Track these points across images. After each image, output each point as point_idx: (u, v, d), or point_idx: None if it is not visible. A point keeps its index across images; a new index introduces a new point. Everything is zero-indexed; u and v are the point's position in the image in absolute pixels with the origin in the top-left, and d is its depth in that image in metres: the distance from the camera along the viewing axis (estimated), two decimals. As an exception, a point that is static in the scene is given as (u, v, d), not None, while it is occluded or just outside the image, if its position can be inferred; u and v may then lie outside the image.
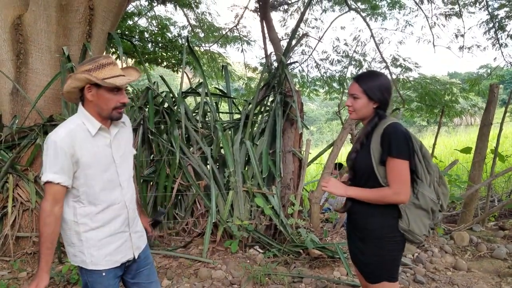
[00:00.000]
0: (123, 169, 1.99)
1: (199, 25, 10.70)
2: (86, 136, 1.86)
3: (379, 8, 9.97)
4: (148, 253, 2.21)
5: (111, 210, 1.93)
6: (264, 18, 9.14)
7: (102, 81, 1.79)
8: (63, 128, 1.85)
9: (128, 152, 2.07)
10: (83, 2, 4.07)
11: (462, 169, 7.17)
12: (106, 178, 1.91)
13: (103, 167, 1.90)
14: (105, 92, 1.84)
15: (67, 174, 1.80)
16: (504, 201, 5.60)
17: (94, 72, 1.81)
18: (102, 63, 1.84)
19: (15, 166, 3.89)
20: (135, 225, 2.09)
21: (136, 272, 2.12)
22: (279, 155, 4.29)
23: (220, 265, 3.71)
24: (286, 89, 4.63)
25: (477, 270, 3.91)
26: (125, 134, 2.06)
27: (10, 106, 4.07)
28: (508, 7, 8.61)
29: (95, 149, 1.87)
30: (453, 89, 9.53)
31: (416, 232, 2.02)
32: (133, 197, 2.08)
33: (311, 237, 3.83)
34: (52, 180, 1.77)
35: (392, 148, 1.96)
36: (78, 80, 1.82)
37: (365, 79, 2.13)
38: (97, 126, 1.88)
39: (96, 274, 1.94)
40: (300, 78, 11.78)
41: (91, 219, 1.89)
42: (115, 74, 1.84)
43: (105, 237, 1.92)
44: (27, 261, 3.77)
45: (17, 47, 4.02)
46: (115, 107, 1.87)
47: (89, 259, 1.91)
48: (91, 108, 1.88)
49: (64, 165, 1.78)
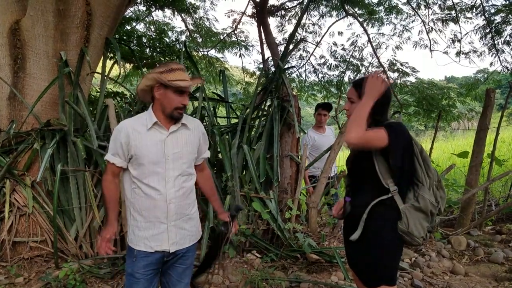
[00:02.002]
0: (173, 166, 2.14)
1: (197, 30, 10.73)
2: (141, 129, 2.11)
3: (376, 14, 10.01)
4: (191, 254, 2.32)
5: (151, 199, 2.11)
6: (261, 23, 9.18)
7: (168, 82, 2.03)
8: (128, 119, 2.19)
9: (186, 152, 2.21)
10: (81, 7, 4.08)
11: (459, 173, 7.18)
12: (153, 170, 2.10)
13: (153, 159, 2.09)
14: (170, 92, 2.07)
15: (121, 157, 2.12)
16: (501, 205, 5.60)
17: (164, 74, 2.05)
18: (173, 68, 2.08)
19: (12, 171, 3.88)
20: (180, 221, 2.20)
21: (171, 265, 2.26)
22: (277, 160, 4.29)
23: (218, 270, 3.70)
24: (283, 93, 4.64)
25: (475, 275, 3.92)
26: (186, 135, 2.22)
27: (8, 110, 4.06)
28: (504, 12, 8.66)
29: (147, 142, 2.10)
30: (450, 94, 9.58)
31: (414, 234, 2.03)
32: (181, 194, 2.18)
33: (308, 242, 3.83)
34: (109, 160, 2.15)
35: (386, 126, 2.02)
36: (149, 80, 2.08)
37: (361, 83, 2.13)
38: (153, 121, 2.11)
39: (131, 252, 2.17)
40: (298, 83, 11.81)
41: (137, 200, 2.14)
42: (181, 78, 2.06)
43: (145, 222, 2.14)
44: (24, 266, 3.75)
45: (14, 52, 4.02)
46: (176, 107, 2.09)
47: (130, 236, 2.20)
48: (157, 105, 2.12)
49: (119, 149, 2.11)
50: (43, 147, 3.89)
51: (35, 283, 3.49)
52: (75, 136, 3.90)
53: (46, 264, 3.84)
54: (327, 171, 4.41)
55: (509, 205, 5.41)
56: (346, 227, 2.30)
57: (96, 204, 3.78)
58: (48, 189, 3.90)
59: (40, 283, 3.49)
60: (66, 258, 3.85)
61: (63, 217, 3.89)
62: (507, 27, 8.91)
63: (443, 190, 2.17)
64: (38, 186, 3.92)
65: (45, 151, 3.80)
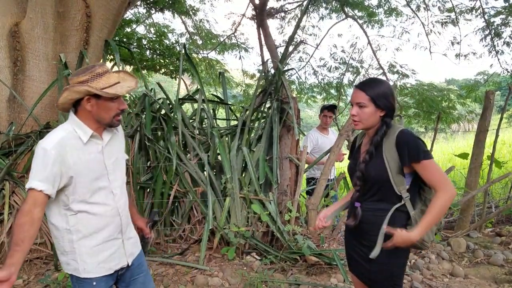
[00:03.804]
0: (115, 176, 1.97)
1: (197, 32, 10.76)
2: (77, 144, 1.83)
3: (376, 16, 10.04)
4: (143, 260, 2.18)
5: (103, 217, 1.90)
6: (261, 25, 9.21)
7: (103, 91, 1.77)
8: (54, 135, 1.81)
9: (121, 158, 2.05)
10: (80, 9, 4.09)
11: (459, 175, 7.18)
12: (98, 186, 1.88)
13: (95, 174, 1.87)
14: (105, 101, 1.82)
15: (51, 183, 1.74)
16: (501, 207, 5.60)
17: (92, 82, 1.78)
18: (99, 72, 1.82)
19: (11, 173, 3.88)
20: (128, 231, 2.07)
21: (130, 280, 2.09)
22: (276, 162, 4.29)
23: (217, 272, 3.70)
24: (283, 95, 4.64)
25: (474, 277, 3.91)
26: (117, 140, 2.05)
27: (7, 113, 4.07)
28: (504, 14, 8.67)
29: (86, 157, 1.84)
30: (450, 96, 9.59)
31: (425, 239, 2.00)
32: (126, 203, 2.06)
33: (308, 244, 3.82)
34: (35, 187, 1.72)
35: (416, 153, 1.92)
36: (76, 93, 1.79)
37: (370, 86, 2.04)
38: (89, 133, 1.85)
39: (87, 283, 1.91)
40: (298, 85, 11.83)
41: (83, 226, 1.86)
42: (113, 82, 1.83)
43: (97, 245, 1.90)
44: (23, 268, 3.75)
45: (14, 54, 4.03)
46: (115, 115, 1.87)
47: (82, 266, 1.88)
48: (87, 117, 1.86)
49: (50, 173, 1.74)
50: (43, 149, 3.89)
51: (34, 285, 3.49)
52: (75, 138, 3.89)
53: (45, 266, 3.84)
54: (327, 173, 4.40)
55: (509, 207, 5.41)
56: (352, 231, 2.22)
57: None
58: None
59: (39, 285, 3.48)
60: (65, 260, 3.84)
61: (62, 219, 3.88)
62: (507, 28, 8.94)
63: None
64: (38, 188, 3.91)
65: (44, 153, 3.80)
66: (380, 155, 2.02)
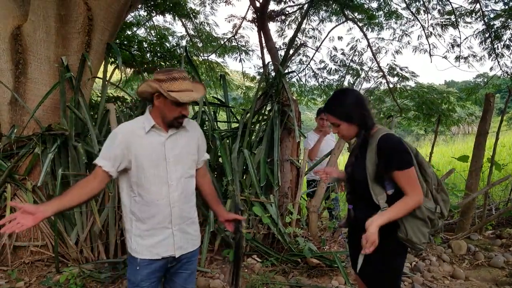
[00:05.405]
0: (175, 168, 2.09)
1: (197, 35, 10.77)
2: (141, 133, 2.04)
3: (375, 18, 10.05)
4: (194, 259, 2.29)
5: (154, 204, 2.05)
6: (261, 28, 9.23)
7: (167, 93, 1.94)
8: (127, 123, 2.12)
9: (186, 154, 2.16)
10: (82, 12, 4.10)
11: (459, 178, 7.18)
12: (154, 174, 2.03)
13: (153, 162, 2.03)
14: (170, 103, 1.99)
15: (112, 162, 1.98)
16: (501, 210, 5.61)
17: (165, 83, 1.97)
18: (175, 76, 1.99)
19: (13, 176, 3.89)
20: (184, 225, 2.17)
21: (175, 271, 2.21)
22: (277, 164, 4.30)
23: (218, 274, 3.71)
24: (283, 98, 4.65)
25: (475, 279, 3.92)
26: (186, 137, 2.18)
27: (9, 115, 4.08)
28: (504, 17, 8.69)
29: (147, 145, 2.03)
30: (450, 98, 9.60)
31: (414, 241, 2.01)
32: (183, 197, 2.14)
33: (309, 246, 3.83)
34: (97, 163, 2.00)
35: (394, 162, 1.97)
36: (149, 87, 2.01)
37: (336, 106, 2.12)
38: (151, 124, 2.04)
39: (133, 264, 2.09)
40: (298, 87, 11.85)
41: (139, 209, 2.05)
42: (183, 89, 1.99)
43: (148, 229, 2.06)
44: (25, 271, 3.75)
45: (16, 57, 4.04)
46: (176, 117, 2.04)
47: (134, 245, 2.08)
48: (156, 112, 2.06)
49: (113, 154, 1.98)
50: (44, 152, 3.90)
51: (36, 288, 3.50)
52: (76, 141, 3.91)
53: (47, 269, 3.84)
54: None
55: (509, 210, 5.42)
56: (352, 232, 2.28)
57: (97, 209, 3.79)
58: (49, 193, 3.90)
59: (40, 287, 3.49)
60: (67, 262, 3.85)
61: (63, 221, 3.89)
62: (507, 31, 8.95)
63: (445, 192, 2.14)
64: (39, 190, 3.93)
65: (46, 155, 3.81)
66: (363, 161, 2.07)
